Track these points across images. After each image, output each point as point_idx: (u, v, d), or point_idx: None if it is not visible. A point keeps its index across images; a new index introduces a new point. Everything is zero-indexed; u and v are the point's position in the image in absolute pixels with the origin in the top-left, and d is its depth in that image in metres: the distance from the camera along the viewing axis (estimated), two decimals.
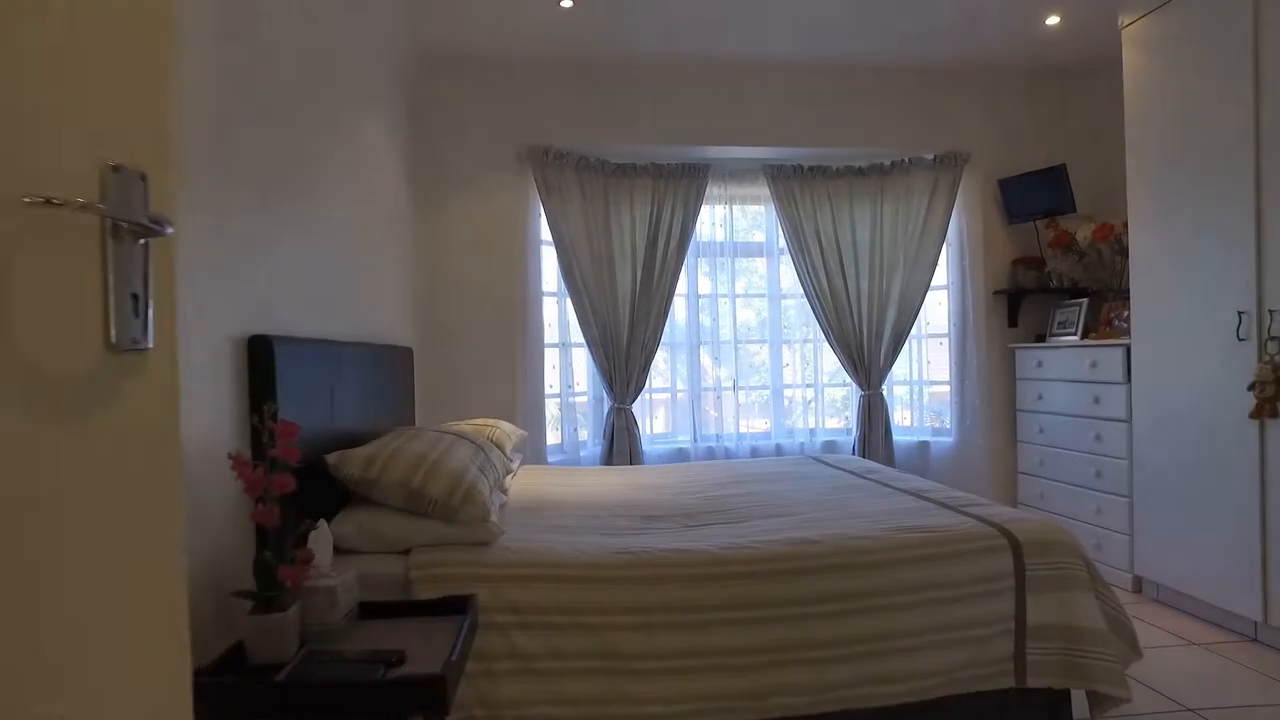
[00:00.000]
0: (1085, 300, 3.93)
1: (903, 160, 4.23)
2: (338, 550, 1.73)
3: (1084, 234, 3.93)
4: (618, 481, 3.05)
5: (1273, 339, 2.73)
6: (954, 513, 2.27)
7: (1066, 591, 2.00)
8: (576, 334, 4.10)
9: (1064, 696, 2.03)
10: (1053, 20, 3.67)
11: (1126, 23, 3.33)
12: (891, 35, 3.81)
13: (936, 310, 4.44)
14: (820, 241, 4.23)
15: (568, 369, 4.17)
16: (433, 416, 3.62)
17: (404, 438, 2.16)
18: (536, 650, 1.77)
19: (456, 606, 1.62)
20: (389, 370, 2.98)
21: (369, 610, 1.61)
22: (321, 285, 2.35)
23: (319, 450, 1.97)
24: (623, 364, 4.04)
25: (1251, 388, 2.77)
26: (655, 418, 4.33)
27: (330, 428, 2.15)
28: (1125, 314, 3.55)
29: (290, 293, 2.06)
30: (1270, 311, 2.73)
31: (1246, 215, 2.80)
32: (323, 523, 1.61)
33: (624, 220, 4.08)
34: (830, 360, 4.36)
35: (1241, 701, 2.39)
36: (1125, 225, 3.51)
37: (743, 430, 4.36)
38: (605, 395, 4.09)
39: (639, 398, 4.10)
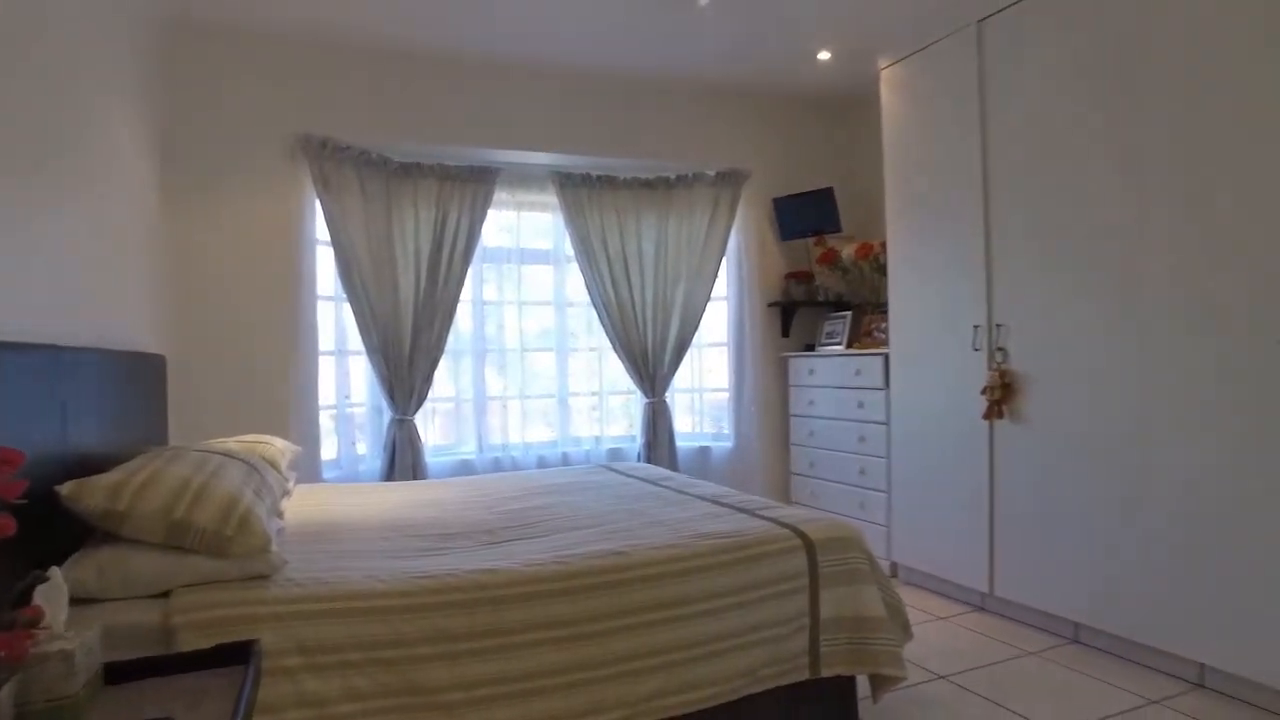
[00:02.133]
0: (849, 313, 4.30)
1: (687, 175, 4.39)
2: (73, 601, 1.43)
3: (848, 252, 4.30)
4: (407, 498, 2.86)
5: (999, 349, 3.12)
6: (750, 516, 2.35)
7: (854, 585, 2.14)
8: (355, 341, 3.82)
9: (851, 682, 2.17)
10: (824, 55, 3.99)
11: (884, 65, 3.69)
12: (678, 53, 3.94)
13: (716, 320, 4.65)
14: (607, 251, 4.27)
15: (345, 378, 3.87)
16: (190, 434, 3.18)
17: (161, 460, 1.86)
18: (331, 694, 1.58)
19: (234, 655, 1.39)
20: (137, 382, 2.57)
21: (119, 672, 1.33)
22: (45, 283, 1.96)
23: (48, 480, 1.64)
24: (405, 373, 3.82)
25: (984, 392, 3.15)
26: (436, 428, 4.14)
27: (63, 451, 1.80)
28: (884, 326, 3.92)
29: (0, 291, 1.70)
30: (997, 325, 3.13)
31: (979, 242, 3.20)
32: (55, 571, 1.32)
33: (408, 222, 3.86)
34: (615, 368, 4.41)
35: (978, 663, 2.71)
36: (884, 245, 3.88)
37: (528, 440, 4.29)
38: (386, 406, 3.84)
39: (421, 408, 3.89)
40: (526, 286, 4.32)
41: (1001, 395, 3.10)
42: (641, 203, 4.37)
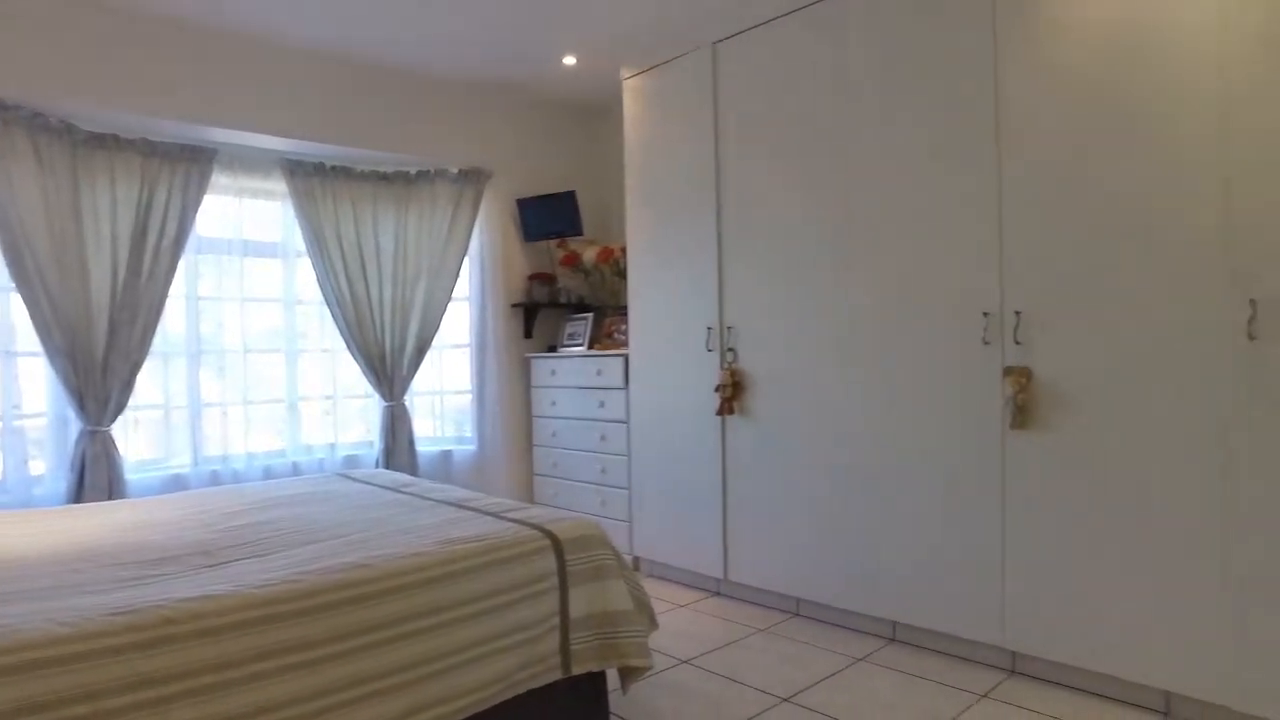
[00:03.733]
0: (591, 315, 4.40)
1: (429, 171, 4.24)
2: None
3: (589, 255, 4.40)
4: (104, 522, 2.45)
5: (730, 350, 3.37)
6: (497, 519, 2.31)
7: (601, 581, 2.19)
8: (29, 340, 3.21)
9: (601, 677, 2.22)
10: (569, 60, 4.05)
11: (627, 76, 3.83)
12: (424, 47, 3.79)
13: (458, 321, 4.54)
14: (342, 246, 4.01)
15: (12, 384, 3.24)
16: None
17: None
18: None
19: None
20: None
21: None
22: None
23: None
24: (99, 378, 3.28)
25: (717, 390, 3.39)
26: (140, 440, 3.61)
27: None
28: (623, 328, 4.06)
29: None
30: (728, 327, 3.37)
31: (711, 249, 3.43)
32: None
33: (102, 202, 3.32)
34: (350, 370, 4.14)
35: (716, 645, 2.90)
36: (623, 250, 4.02)
37: (253, 450, 3.89)
38: (74, 416, 3.28)
39: (120, 417, 3.38)
40: (250, 281, 3.91)
41: (732, 393, 3.35)
42: (380, 197, 4.15)
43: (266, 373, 3.97)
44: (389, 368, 4.16)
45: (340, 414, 4.19)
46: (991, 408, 2.56)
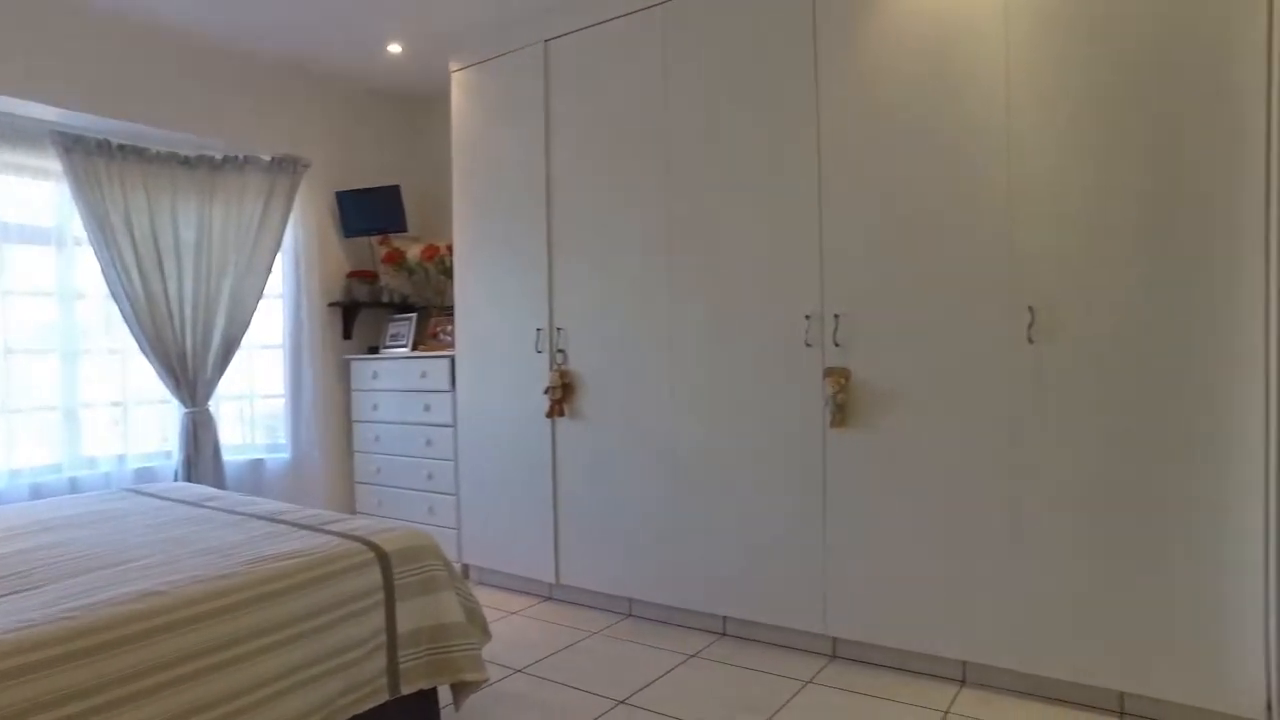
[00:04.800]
0: (415, 315, 4.22)
1: (237, 157, 3.89)
2: None
3: (413, 253, 4.22)
4: None
5: (560, 351, 3.34)
6: (315, 533, 2.15)
7: (432, 594, 2.09)
8: None
9: (432, 694, 2.11)
10: (394, 48, 3.85)
11: (455, 68, 3.70)
12: (237, 20, 3.47)
13: (271, 320, 4.21)
14: (133, 235, 3.59)
15: None
16: None
17: None
18: None
19: None
20: None
21: None
22: None
23: None
24: None
25: (546, 391, 3.35)
26: None
27: None
28: (450, 328, 3.93)
29: None
30: (558, 329, 3.34)
31: (541, 249, 3.38)
32: None
33: None
34: (144, 373, 3.73)
35: (549, 651, 2.85)
36: (450, 248, 3.89)
37: (17, 465, 3.40)
38: None
39: None
40: (15, 272, 3.41)
41: (562, 394, 3.32)
42: (180, 182, 3.76)
43: (37, 376, 3.48)
44: (191, 370, 3.78)
45: (132, 422, 3.76)
46: (814, 407, 2.69)
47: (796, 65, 2.71)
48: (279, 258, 4.09)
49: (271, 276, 4.04)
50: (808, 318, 2.70)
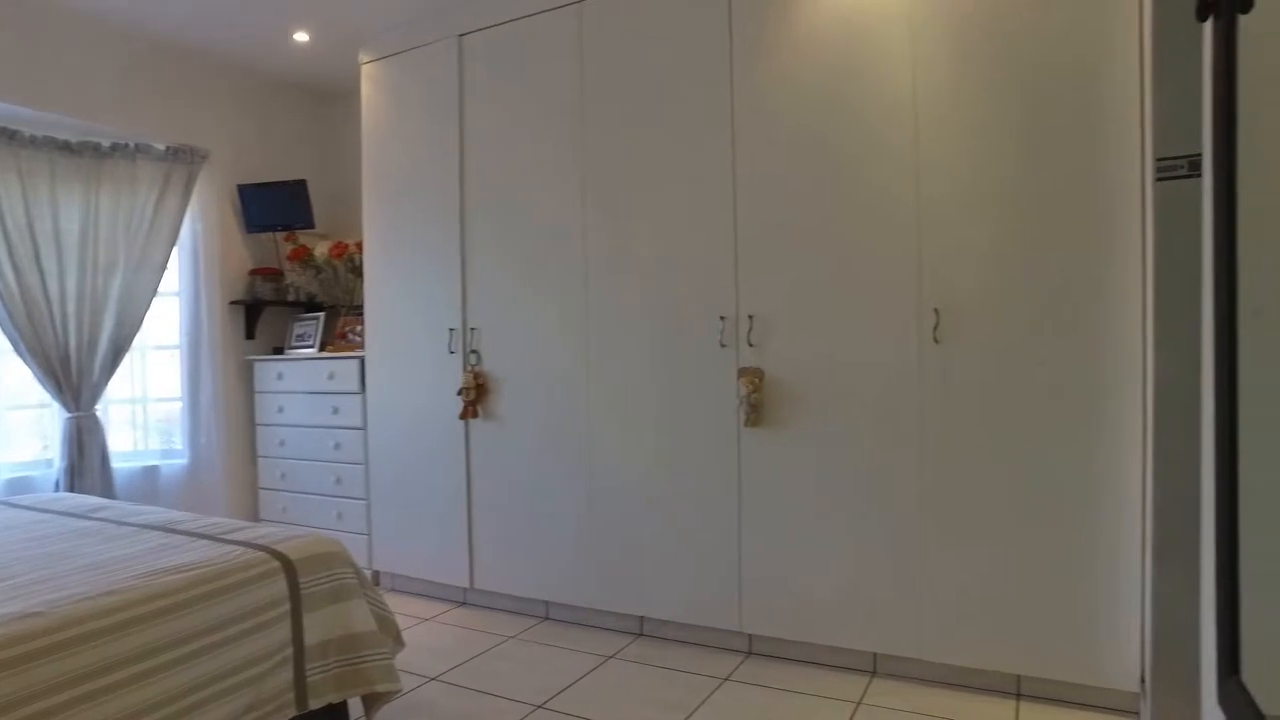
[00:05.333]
0: (323, 314, 4.07)
1: (127, 144, 3.67)
2: None
3: (321, 250, 4.07)
4: None
5: (473, 352, 3.28)
6: (215, 543, 2.05)
7: (341, 603, 2.01)
8: None
9: (342, 707, 2.04)
10: (301, 37, 3.70)
11: (366, 60, 3.59)
12: None
13: (166, 318, 3.99)
14: (5, 225, 3.35)
15: None
16: None
17: None
18: None
19: None
20: None
21: None
22: None
23: None
24: None
25: (460, 393, 3.28)
26: None
27: None
28: (359, 328, 3.81)
29: None
30: (472, 329, 3.28)
31: (454, 247, 3.31)
32: None
33: None
34: (20, 375, 3.48)
35: (464, 657, 2.80)
36: (360, 246, 3.76)
37: None
38: None
39: None
40: None
41: (476, 396, 3.26)
42: (61, 170, 3.51)
43: None
44: (74, 372, 3.54)
45: (6, 428, 3.50)
46: (729, 407, 2.72)
47: (712, 70, 2.74)
48: (175, 253, 3.88)
49: (167, 273, 3.83)
50: (723, 319, 2.73)
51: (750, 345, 2.68)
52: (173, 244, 3.83)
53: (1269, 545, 1.14)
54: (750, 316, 2.68)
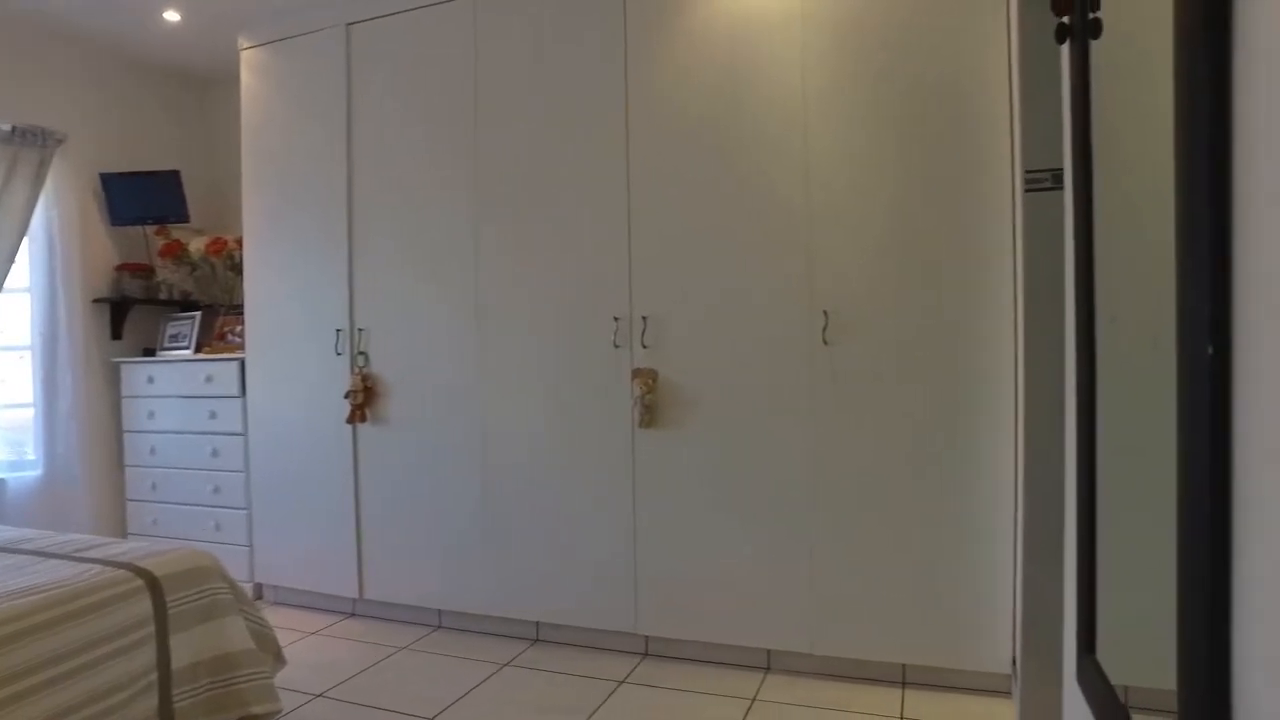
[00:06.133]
0: (199, 313, 3.84)
1: None
2: None
3: (197, 246, 3.84)
4: None
5: (361, 353, 3.17)
6: (69, 561, 1.89)
7: (214, 620, 1.89)
8: None
9: None
10: (171, 16, 3.47)
11: (246, 46, 3.40)
12: None
13: (17, 317, 3.67)
14: None
15: None
16: None
17: None
18: None
19: None
20: None
21: None
22: None
23: None
24: None
25: (347, 396, 3.15)
26: None
27: None
28: (240, 328, 3.61)
29: None
30: (359, 329, 3.16)
31: (341, 244, 3.19)
32: None
33: None
34: None
35: (353, 671, 2.69)
36: (239, 242, 3.57)
37: None
38: None
39: None
40: None
41: (364, 399, 3.14)
42: None
43: None
44: None
45: None
46: (623, 408, 2.72)
47: (608, 68, 2.73)
48: (25, 244, 3.57)
49: (16, 266, 3.52)
50: (616, 320, 2.72)
51: (644, 346, 2.69)
52: (22, 234, 3.52)
53: (1121, 534, 1.21)
54: (644, 317, 2.68)
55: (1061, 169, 2.10)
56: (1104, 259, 1.22)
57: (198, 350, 3.74)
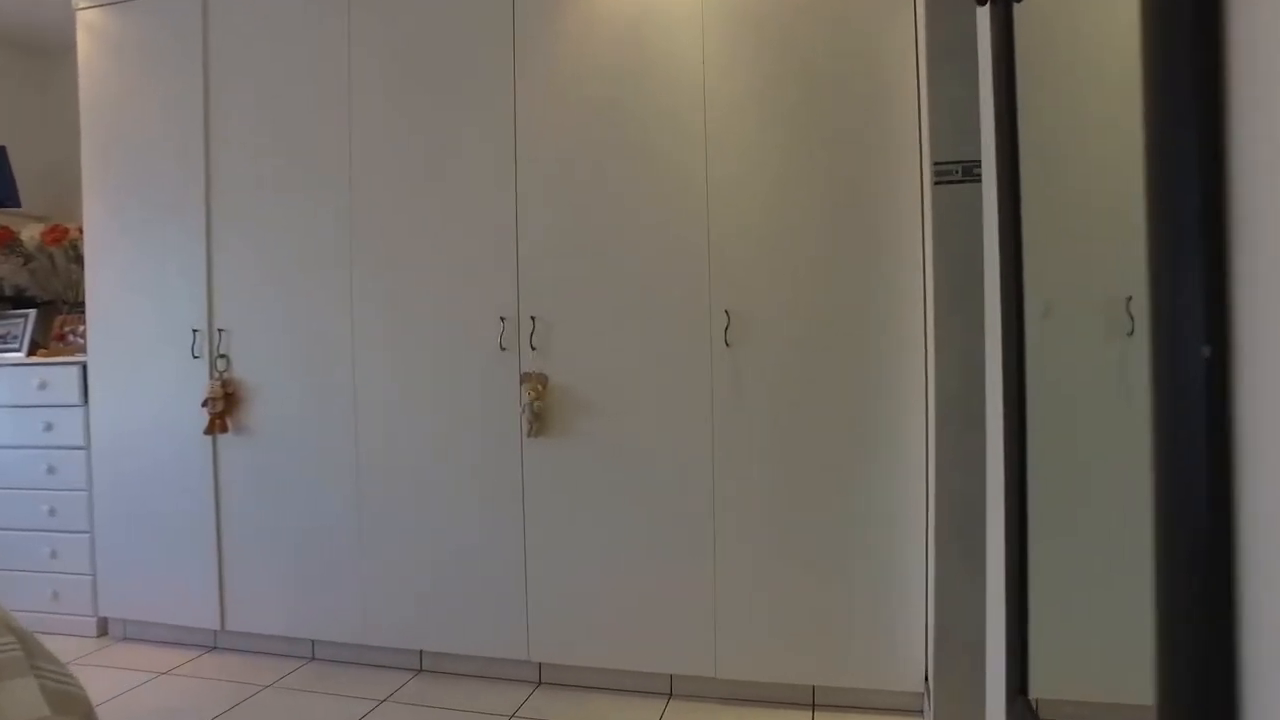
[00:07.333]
0: (34, 311, 3.39)
1: None
2: None
3: (31, 235, 3.39)
4: None
5: (222, 357, 2.83)
6: None
7: None
8: None
9: None
10: None
11: (82, 5, 2.99)
12: None
13: None
14: None
15: None
16: None
17: None
18: None
19: None
20: None
21: None
22: None
23: None
24: None
25: (205, 404, 2.82)
26: None
27: None
28: (82, 329, 3.20)
29: None
30: (220, 330, 2.83)
31: (199, 236, 2.85)
32: None
33: None
34: None
35: (212, 714, 2.37)
36: (82, 231, 3.16)
37: None
38: None
39: None
40: None
41: (225, 407, 2.81)
42: None
43: None
44: None
45: None
46: (511, 416, 2.49)
47: (494, 51, 2.50)
48: None
49: None
50: (503, 320, 2.49)
51: (533, 349, 2.46)
52: None
53: (1051, 550, 1.07)
54: (533, 317, 2.46)
55: (970, 162, 2.01)
56: (1034, 245, 1.08)
57: (33, 352, 3.30)
